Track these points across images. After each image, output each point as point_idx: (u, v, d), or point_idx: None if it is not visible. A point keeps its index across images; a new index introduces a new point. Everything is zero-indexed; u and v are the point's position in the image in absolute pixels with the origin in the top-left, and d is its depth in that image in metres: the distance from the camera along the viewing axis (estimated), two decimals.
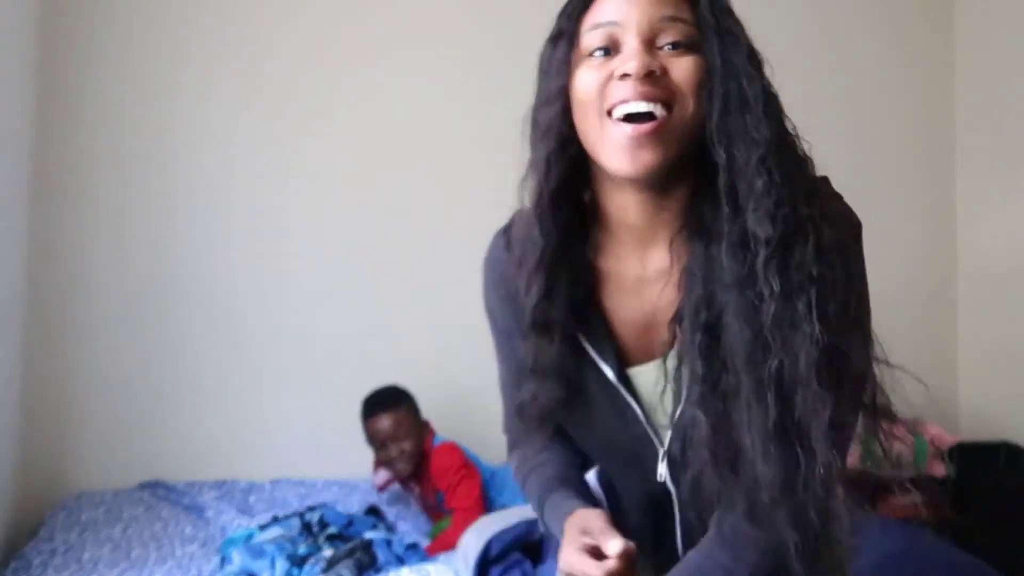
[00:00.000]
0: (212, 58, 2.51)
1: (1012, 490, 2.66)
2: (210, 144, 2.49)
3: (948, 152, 3.25)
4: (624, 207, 0.86)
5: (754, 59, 0.83)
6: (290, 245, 2.54)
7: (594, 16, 0.82)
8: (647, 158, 0.79)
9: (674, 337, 0.85)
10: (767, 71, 0.84)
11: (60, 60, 2.39)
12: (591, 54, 0.82)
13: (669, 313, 0.85)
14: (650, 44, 0.80)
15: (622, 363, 0.90)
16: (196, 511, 2.11)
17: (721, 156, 0.79)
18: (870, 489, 2.90)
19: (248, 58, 2.54)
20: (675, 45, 0.80)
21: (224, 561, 1.70)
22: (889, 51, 3.20)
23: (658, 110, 0.78)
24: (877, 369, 0.87)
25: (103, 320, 2.40)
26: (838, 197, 0.89)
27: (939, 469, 2.69)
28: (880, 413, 0.89)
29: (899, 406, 3.13)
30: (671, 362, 0.85)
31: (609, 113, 0.80)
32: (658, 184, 0.82)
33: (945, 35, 3.26)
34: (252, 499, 2.21)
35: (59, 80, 2.39)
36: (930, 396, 3.39)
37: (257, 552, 1.66)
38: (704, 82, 0.79)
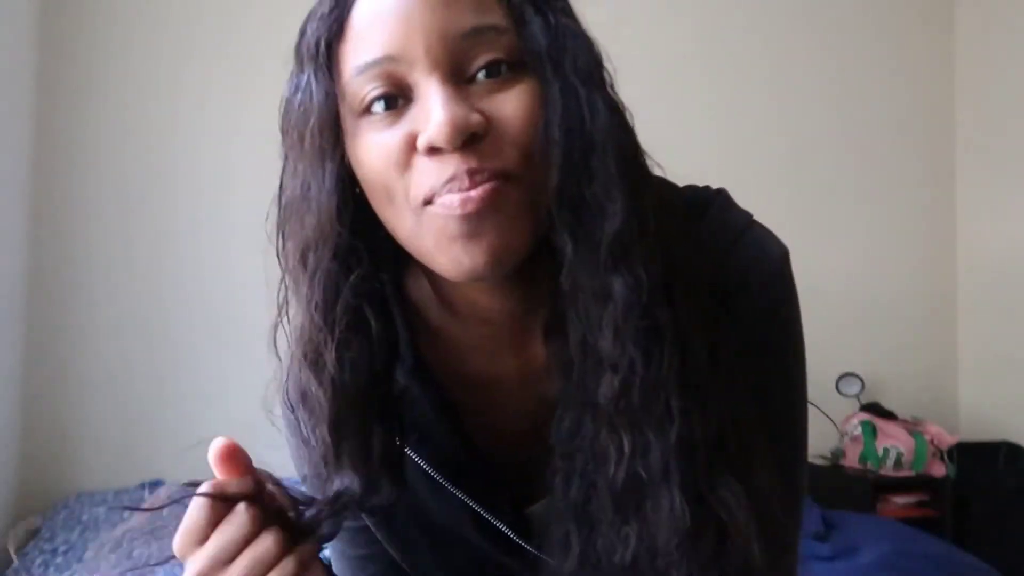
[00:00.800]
0: (213, 58, 2.51)
1: (1012, 490, 2.66)
2: (210, 143, 2.49)
3: (948, 152, 3.25)
4: (474, 301, 0.59)
5: (598, 69, 0.54)
6: None
7: (357, 49, 0.52)
8: (490, 243, 0.51)
9: None
10: (611, 81, 0.55)
11: (60, 60, 2.39)
12: (367, 109, 0.52)
13: None
14: (457, 76, 0.51)
15: (516, 504, 0.62)
16: None
17: (565, 241, 0.52)
18: (870, 489, 2.89)
19: (249, 58, 2.54)
20: (494, 69, 0.52)
21: None
22: (889, 51, 3.20)
23: (496, 183, 0.51)
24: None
25: (103, 319, 2.39)
26: (738, 228, 0.60)
27: (939, 469, 2.69)
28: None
29: (900, 406, 3.16)
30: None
31: (427, 202, 0.52)
32: (519, 268, 0.54)
33: (945, 35, 3.26)
34: None
35: (59, 80, 2.39)
36: (930, 396, 3.42)
37: None
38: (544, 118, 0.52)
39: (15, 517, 2.18)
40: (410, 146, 0.51)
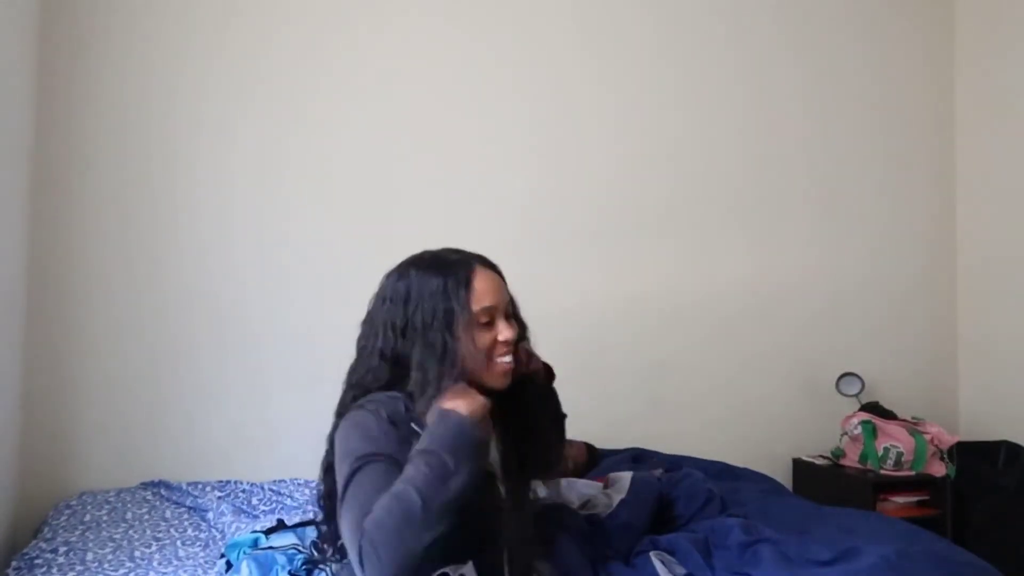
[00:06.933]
0: (214, 57, 2.51)
1: (1012, 489, 2.66)
2: (212, 142, 2.50)
3: (948, 152, 3.25)
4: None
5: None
6: (293, 244, 2.54)
7: (480, 300, 1.31)
8: (509, 379, 1.36)
9: None
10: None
11: (60, 60, 2.39)
12: (481, 323, 1.32)
13: None
14: (507, 316, 1.36)
15: None
16: (199, 512, 2.10)
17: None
18: (870, 489, 2.87)
19: (250, 57, 2.54)
20: (513, 316, 1.39)
21: (229, 566, 1.65)
22: (890, 51, 3.21)
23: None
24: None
25: (105, 318, 2.40)
26: None
27: (939, 469, 2.69)
28: None
29: (900, 406, 3.15)
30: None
31: (491, 357, 1.33)
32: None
33: (945, 35, 3.27)
34: (255, 500, 2.20)
35: (59, 80, 2.39)
36: (930, 396, 3.40)
37: (268, 562, 1.58)
38: None
39: (17, 516, 2.19)
40: (495, 340, 1.34)
